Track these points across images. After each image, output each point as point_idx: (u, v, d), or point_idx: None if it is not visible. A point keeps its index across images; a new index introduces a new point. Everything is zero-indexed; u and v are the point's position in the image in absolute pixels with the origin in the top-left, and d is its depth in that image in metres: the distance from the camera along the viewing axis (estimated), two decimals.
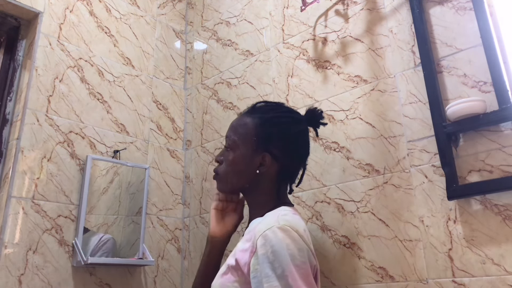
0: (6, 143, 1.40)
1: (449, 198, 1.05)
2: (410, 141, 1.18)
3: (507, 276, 0.96)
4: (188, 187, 1.78)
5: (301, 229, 0.90)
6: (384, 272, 1.14)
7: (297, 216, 0.98)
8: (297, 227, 0.89)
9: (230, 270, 0.91)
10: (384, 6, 1.32)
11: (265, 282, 0.82)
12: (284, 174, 1.06)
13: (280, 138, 1.04)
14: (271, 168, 1.03)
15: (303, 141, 1.09)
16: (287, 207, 1.00)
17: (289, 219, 0.91)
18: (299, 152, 1.09)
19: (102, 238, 1.45)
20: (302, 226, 0.93)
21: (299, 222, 0.94)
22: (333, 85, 1.39)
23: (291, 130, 1.06)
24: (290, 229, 0.87)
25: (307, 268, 0.85)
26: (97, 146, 1.55)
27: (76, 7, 1.62)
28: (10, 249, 1.26)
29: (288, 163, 1.05)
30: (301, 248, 0.86)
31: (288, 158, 1.05)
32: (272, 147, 1.03)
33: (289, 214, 0.95)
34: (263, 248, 0.85)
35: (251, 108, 1.11)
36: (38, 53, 1.46)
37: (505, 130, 1.02)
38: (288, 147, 1.05)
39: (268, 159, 1.02)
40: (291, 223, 0.90)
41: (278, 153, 1.03)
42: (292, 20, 1.57)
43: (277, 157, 1.03)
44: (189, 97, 1.92)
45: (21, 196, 1.31)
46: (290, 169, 1.07)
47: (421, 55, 1.16)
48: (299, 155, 1.09)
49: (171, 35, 1.97)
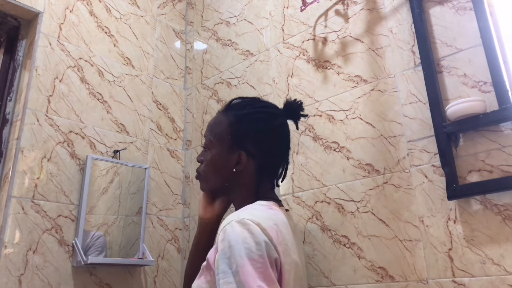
0: (6, 143, 1.40)
1: (449, 198, 1.05)
2: (410, 141, 1.18)
3: (507, 276, 0.96)
4: (188, 187, 1.78)
5: (267, 222, 0.87)
6: (384, 272, 1.14)
7: (272, 210, 0.94)
8: (259, 220, 0.86)
9: (203, 271, 0.89)
10: (384, 6, 1.32)
11: (221, 278, 0.80)
12: (263, 170, 1.03)
13: (255, 135, 1.03)
14: (249, 166, 1.01)
15: (280, 136, 1.06)
16: (263, 201, 0.97)
17: (255, 213, 0.89)
18: (276, 147, 1.05)
19: (93, 235, 1.46)
20: (270, 219, 0.89)
21: (268, 216, 0.90)
22: (333, 85, 1.39)
23: (266, 125, 1.04)
24: (250, 222, 0.84)
25: (264, 262, 0.82)
26: (97, 146, 1.55)
27: (76, 7, 1.62)
28: (10, 249, 1.26)
29: (266, 159, 1.03)
30: (258, 242, 0.82)
31: (265, 155, 1.03)
32: (247, 145, 1.02)
33: (259, 208, 0.93)
34: (222, 244, 0.84)
35: (227, 106, 1.10)
36: (38, 53, 1.46)
37: (505, 130, 1.02)
38: (263, 144, 1.03)
39: (244, 157, 1.01)
40: (255, 216, 0.87)
41: (254, 150, 1.02)
42: (292, 20, 1.57)
43: (253, 154, 1.02)
44: (189, 97, 1.92)
45: (21, 196, 1.31)
46: (268, 165, 1.04)
47: (421, 55, 1.16)
48: (277, 151, 1.06)
49: (171, 35, 1.97)
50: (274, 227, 0.88)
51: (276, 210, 0.96)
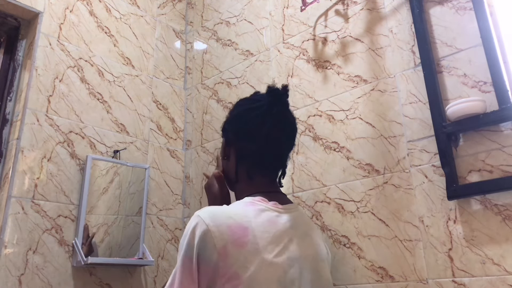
0: (6, 143, 1.40)
1: (449, 198, 1.05)
2: (410, 141, 1.18)
3: (507, 276, 0.96)
4: (188, 187, 1.78)
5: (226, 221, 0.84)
6: (384, 272, 1.14)
7: (251, 207, 0.90)
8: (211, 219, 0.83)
9: None
10: (384, 6, 1.32)
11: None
12: (242, 157, 1.01)
13: (230, 122, 1.06)
14: (231, 153, 1.03)
15: (248, 119, 1.00)
16: (249, 198, 0.93)
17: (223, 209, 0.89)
18: (244, 130, 1.00)
19: None
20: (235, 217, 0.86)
21: (240, 212, 0.87)
22: (333, 85, 1.39)
23: (238, 111, 1.06)
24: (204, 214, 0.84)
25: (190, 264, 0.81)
26: (97, 146, 1.55)
27: (76, 7, 1.62)
28: (10, 249, 1.26)
29: (240, 144, 1.01)
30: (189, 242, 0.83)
31: (238, 139, 1.02)
32: (227, 132, 1.05)
33: (237, 203, 0.93)
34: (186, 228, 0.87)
35: None
36: (38, 53, 1.46)
37: (505, 130, 1.02)
38: (234, 128, 1.04)
39: (223, 143, 1.05)
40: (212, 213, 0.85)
41: (230, 137, 1.04)
42: (292, 20, 1.57)
43: (230, 141, 1.03)
44: (189, 97, 1.92)
45: (21, 196, 1.31)
46: (244, 151, 1.00)
47: (421, 55, 1.16)
48: (246, 134, 1.00)
49: (171, 35, 1.97)
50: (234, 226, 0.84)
51: (256, 206, 0.91)
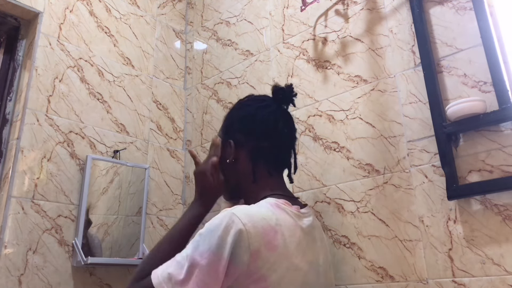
0: (6, 143, 1.40)
1: (449, 198, 1.05)
2: (410, 141, 1.18)
3: (507, 276, 0.96)
4: (188, 187, 1.78)
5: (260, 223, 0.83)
6: (384, 272, 1.14)
7: (277, 209, 0.90)
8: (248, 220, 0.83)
9: None
10: (384, 6, 1.32)
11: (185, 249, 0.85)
12: (256, 156, 1.00)
13: (238, 122, 1.04)
14: (242, 154, 1.01)
15: (267, 120, 1.02)
16: (272, 199, 0.93)
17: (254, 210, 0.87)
18: (260, 128, 1.02)
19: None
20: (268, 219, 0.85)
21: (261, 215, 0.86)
22: (333, 85, 1.39)
23: (246, 111, 1.05)
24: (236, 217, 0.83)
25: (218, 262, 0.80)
26: (97, 146, 1.55)
27: (76, 7, 1.62)
28: (10, 249, 1.26)
29: (253, 142, 1.01)
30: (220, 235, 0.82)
31: (251, 138, 1.01)
32: (235, 134, 1.03)
33: (263, 205, 0.90)
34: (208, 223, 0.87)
35: None
36: (38, 53, 1.46)
37: (505, 130, 1.02)
38: (246, 127, 1.02)
39: (232, 145, 1.01)
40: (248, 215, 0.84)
41: (240, 137, 1.02)
42: (292, 20, 1.57)
43: (240, 141, 1.01)
44: (189, 97, 1.92)
45: (21, 196, 1.31)
46: (259, 149, 1.00)
47: (421, 55, 1.16)
48: (262, 132, 1.02)
49: (171, 35, 1.97)
50: (267, 228, 0.84)
51: (282, 209, 0.91)
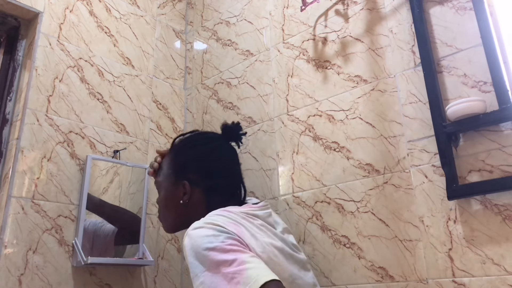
0: (6, 143, 1.40)
1: (449, 198, 1.05)
2: (410, 141, 1.18)
3: (507, 276, 0.96)
4: None
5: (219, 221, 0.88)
6: (384, 272, 1.14)
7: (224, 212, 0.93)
8: (212, 221, 0.87)
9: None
10: (384, 6, 1.32)
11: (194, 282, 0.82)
12: (212, 195, 1.04)
13: (194, 162, 1.06)
14: (195, 194, 1.04)
15: (221, 158, 1.09)
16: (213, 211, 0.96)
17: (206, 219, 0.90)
18: (219, 169, 1.08)
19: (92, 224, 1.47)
20: (223, 217, 0.90)
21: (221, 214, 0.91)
22: (333, 85, 1.39)
23: (201, 150, 1.08)
24: (205, 224, 0.87)
25: (227, 243, 0.82)
26: (97, 146, 1.55)
27: (76, 7, 1.62)
28: (10, 249, 1.26)
29: (211, 182, 1.05)
30: (215, 234, 0.84)
31: (208, 178, 1.05)
32: (189, 174, 1.05)
33: (211, 214, 0.93)
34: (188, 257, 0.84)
35: (170, 147, 1.16)
36: (38, 53, 1.46)
37: (505, 130, 1.02)
38: (203, 168, 1.05)
39: (187, 186, 1.04)
40: (208, 220, 0.89)
41: (196, 177, 1.05)
42: (292, 20, 1.57)
43: (196, 181, 1.04)
44: (189, 97, 1.92)
45: (21, 196, 1.31)
46: (215, 187, 1.05)
47: (421, 55, 1.16)
48: (221, 172, 1.08)
49: (171, 35, 1.97)
50: (230, 221, 0.89)
51: (229, 209, 0.95)
